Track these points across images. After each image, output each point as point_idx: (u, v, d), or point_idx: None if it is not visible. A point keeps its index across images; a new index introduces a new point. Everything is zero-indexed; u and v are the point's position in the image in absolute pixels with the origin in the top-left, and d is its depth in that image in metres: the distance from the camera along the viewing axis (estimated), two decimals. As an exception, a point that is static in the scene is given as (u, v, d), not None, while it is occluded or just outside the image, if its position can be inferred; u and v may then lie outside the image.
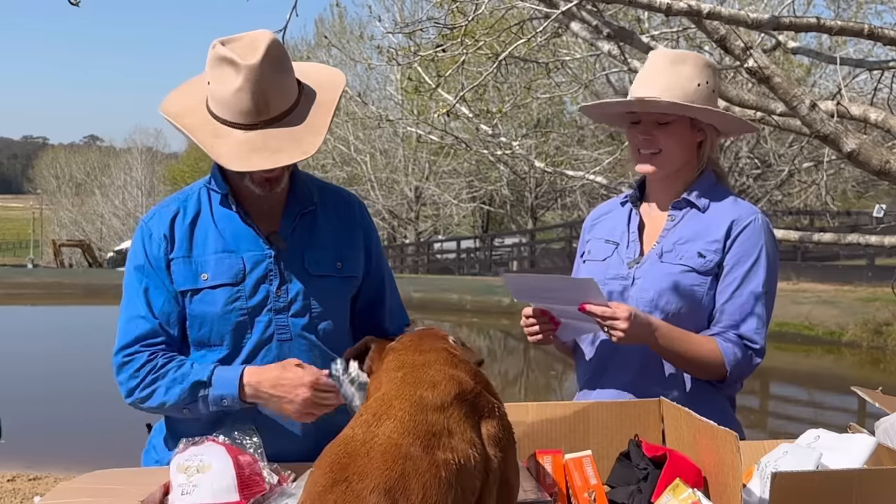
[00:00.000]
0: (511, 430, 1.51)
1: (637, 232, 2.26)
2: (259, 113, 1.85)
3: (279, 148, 1.85)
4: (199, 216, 2.01)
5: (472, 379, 1.47)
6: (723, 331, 2.13)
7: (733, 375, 2.13)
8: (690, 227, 2.19)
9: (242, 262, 1.97)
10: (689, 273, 2.14)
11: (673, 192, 2.24)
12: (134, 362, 1.94)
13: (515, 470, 1.51)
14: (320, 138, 1.91)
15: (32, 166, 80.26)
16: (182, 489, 1.67)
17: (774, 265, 2.17)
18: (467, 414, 1.40)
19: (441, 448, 1.31)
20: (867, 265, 17.36)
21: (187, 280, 1.96)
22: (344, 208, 2.13)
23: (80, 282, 23.14)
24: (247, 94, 1.83)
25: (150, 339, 1.95)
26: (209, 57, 1.88)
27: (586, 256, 2.35)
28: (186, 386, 1.90)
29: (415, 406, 1.36)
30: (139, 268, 1.99)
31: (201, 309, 1.96)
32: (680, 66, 2.19)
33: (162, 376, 1.92)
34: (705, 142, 2.22)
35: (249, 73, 1.82)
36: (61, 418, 9.24)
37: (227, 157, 1.84)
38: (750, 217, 2.16)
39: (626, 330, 2.00)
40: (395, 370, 1.49)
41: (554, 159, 19.45)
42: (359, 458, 1.28)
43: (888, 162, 3.63)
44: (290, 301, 1.98)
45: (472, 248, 29.07)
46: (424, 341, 1.59)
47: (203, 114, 1.91)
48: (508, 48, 5.94)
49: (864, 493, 1.43)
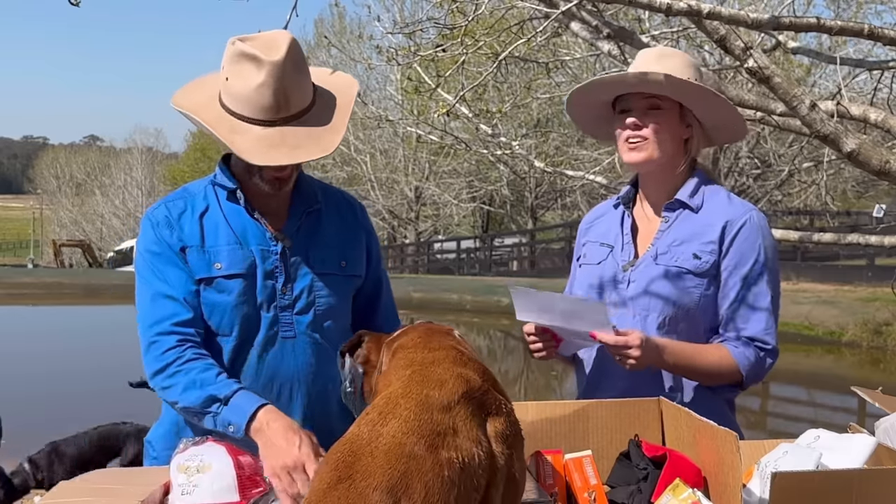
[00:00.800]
0: (518, 427, 1.51)
1: (631, 234, 2.26)
2: (279, 110, 1.86)
3: (298, 145, 1.86)
4: (207, 210, 2.01)
5: (480, 377, 1.48)
6: (732, 336, 2.12)
7: (749, 380, 2.12)
8: (684, 228, 2.17)
9: (253, 254, 1.97)
10: (684, 275, 2.13)
11: (664, 192, 2.23)
12: (161, 343, 1.88)
13: (522, 467, 1.51)
14: (338, 137, 1.92)
15: (32, 166, 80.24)
16: (182, 489, 1.67)
17: (775, 263, 2.16)
18: (474, 412, 1.40)
19: (445, 447, 1.32)
20: (867, 265, 17.37)
21: (201, 269, 1.94)
22: (346, 209, 2.15)
23: (80, 282, 23.13)
24: (269, 89, 1.83)
25: (178, 319, 1.89)
26: (227, 53, 1.89)
27: (582, 260, 2.35)
28: (203, 394, 1.83)
29: (420, 405, 1.36)
30: (153, 252, 1.95)
31: (215, 298, 1.94)
32: (668, 60, 2.19)
33: (184, 372, 1.85)
34: (691, 139, 2.20)
35: (272, 69, 1.83)
36: (61, 419, 9.23)
37: (246, 151, 1.85)
38: (744, 216, 2.14)
39: (638, 357, 1.99)
40: (404, 368, 1.49)
41: (554, 159, 19.46)
42: (363, 456, 1.29)
43: (888, 162, 3.63)
44: (294, 298, 1.99)
45: (472, 248, 29.07)
46: (433, 339, 1.59)
47: (217, 109, 1.91)
48: (508, 48, 5.94)
49: (864, 493, 1.43)
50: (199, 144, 43.58)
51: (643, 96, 2.17)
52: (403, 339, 1.64)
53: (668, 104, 2.16)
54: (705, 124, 2.21)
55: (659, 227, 2.22)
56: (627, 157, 2.19)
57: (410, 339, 1.62)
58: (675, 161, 2.20)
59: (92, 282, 22.24)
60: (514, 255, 27.41)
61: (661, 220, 2.22)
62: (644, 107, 2.17)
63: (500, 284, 20.14)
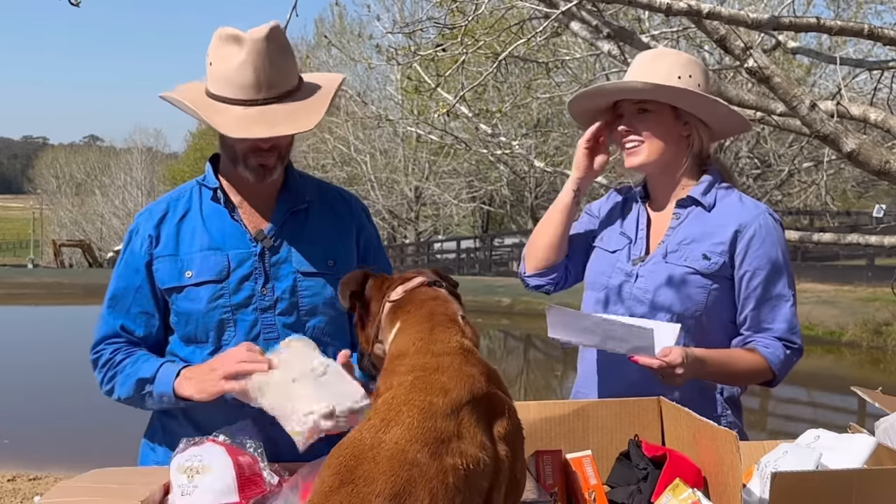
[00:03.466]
0: (520, 428, 1.51)
1: (646, 229, 2.27)
2: (259, 89, 1.87)
3: (276, 122, 1.88)
4: (187, 214, 2.03)
5: (484, 378, 1.46)
6: (759, 338, 2.15)
7: (779, 377, 2.16)
8: (695, 226, 2.18)
9: (227, 259, 1.98)
10: (692, 275, 2.14)
11: (671, 191, 2.24)
12: (100, 358, 2.01)
13: (523, 467, 1.51)
14: (318, 117, 1.92)
15: (32, 166, 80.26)
16: (182, 490, 1.67)
17: (790, 262, 2.20)
18: (479, 417, 1.39)
19: (450, 454, 1.31)
20: (867, 265, 17.38)
21: (172, 278, 1.98)
22: (341, 205, 2.14)
23: (80, 282, 23.16)
24: (249, 67, 1.85)
25: (112, 338, 2.01)
26: (213, 41, 1.92)
27: (598, 242, 2.35)
28: (133, 381, 1.95)
29: (423, 412, 1.35)
30: (117, 267, 2.06)
31: (186, 306, 1.98)
32: (660, 62, 2.20)
33: (119, 371, 1.98)
34: (692, 136, 2.21)
35: (253, 46, 1.85)
36: (61, 419, 9.24)
37: (226, 125, 1.86)
38: (757, 220, 2.15)
39: (682, 374, 2.00)
40: (406, 374, 1.46)
41: (554, 159, 19.47)
42: (365, 461, 1.28)
43: (888, 162, 3.63)
44: (275, 300, 1.99)
45: (472, 248, 29.07)
46: (437, 339, 1.52)
47: (202, 97, 1.94)
48: (508, 48, 5.94)
49: (864, 493, 1.42)
50: (198, 144, 43.60)
51: (632, 101, 2.19)
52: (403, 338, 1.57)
53: (657, 106, 2.17)
54: (704, 120, 2.21)
55: (670, 223, 2.23)
56: (627, 161, 2.22)
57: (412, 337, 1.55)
58: (676, 159, 2.21)
59: (92, 282, 22.24)
60: (514, 255, 27.37)
61: (673, 217, 2.23)
62: (634, 111, 2.19)
63: (500, 284, 20.15)
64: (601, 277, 2.27)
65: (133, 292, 2.01)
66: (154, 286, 2.01)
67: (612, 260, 2.26)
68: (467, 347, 1.52)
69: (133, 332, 2.01)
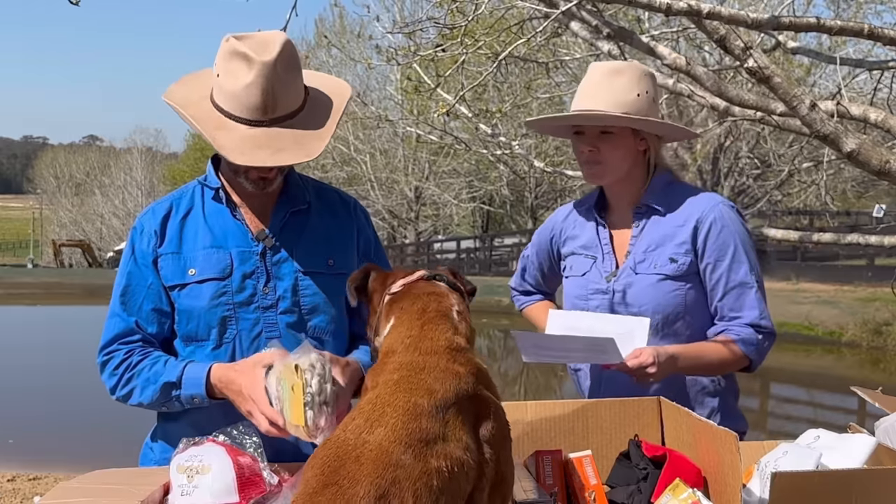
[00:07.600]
0: (506, 428, 1.50)
1: (609, 243, 2.31)
2: (266, 111, 1.85)
3: (282, 147, 1.86)
4: (190, 212, 2.03)
5: (472, 377, 1.45)
6: (731, 326, 2.18)
7: (756, 362, 2.21)
8: (655, 232, 2.23)
9: (230, 256, 1.98)
10: (664, 281, 2.19)
11: (628, 200, 2.29)
12: (112, 360, 1.98)
13: (510, 466, 1.50)
14: (323, 143, 1.91)
15: (32, 166, 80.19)
16: (182, 490, 1.67)
17: (751, 248, 2.23)
18: (464, 418, 1.39)
19: (434, 455, 1.30)
20: (867, 265, 17.38)
21: (175, 275, 1.98)
22: (340, 206, 2.14)
23: (79, 282, 23.17)
24: (257, 90, 1.83)
25: (126, 338, 1.98)
26: (221, 50, 1.89)
27: (568, 272, 2.40)
28: (158, 387, 1.92)
29: (408, 414, 1.34)
30: (125, 265, 2.04)
31: (188, 303, 1.97)
32: (618, 78, 2.22)
33: (137, 375, 1.95)
34: (649, 150, 2.27)
35: (262, 69, 1.82)
36: (61, 419, 9.24)
37: (229, 148, 1.85)
38: (713, 212, 2.19)
39: (655, 373, 2.05)
40: (392, 372, 1.45)
41: (554, 159, 19.46)
42: (348, 462, 1.27)
43: (888, 162, 3.63)
44: (277, 298, 1.99)
45: (471, 248, 29.07)
46: (426, 335, 1.52)
47: (207, 106, 1.92)
48: (508, 48, 5.93)
49: (864, 493, 1.43)
50: (198, 144, 43.53)
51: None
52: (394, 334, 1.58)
53: (619, 129, 2.22)
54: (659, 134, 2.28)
55: (631, 233, 2.27)
56: (588, 179, 2.29)
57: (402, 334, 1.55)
58: (635, 172, 2.28)
59: (92, 282, 22.27)
60: (514, 255, 27.37)
61: (633, 227, 2.27)
62: (597, 133, 2.24)
63: (500, 284, 20.13)
64: (579, 302, 2.32)
65: (145, 289, 2.00)
66: (162, 284, 2.00)
67: (584, 283, 2.31)
68: (456, 345, 1.51)
69: (146, 330, 1.99)
